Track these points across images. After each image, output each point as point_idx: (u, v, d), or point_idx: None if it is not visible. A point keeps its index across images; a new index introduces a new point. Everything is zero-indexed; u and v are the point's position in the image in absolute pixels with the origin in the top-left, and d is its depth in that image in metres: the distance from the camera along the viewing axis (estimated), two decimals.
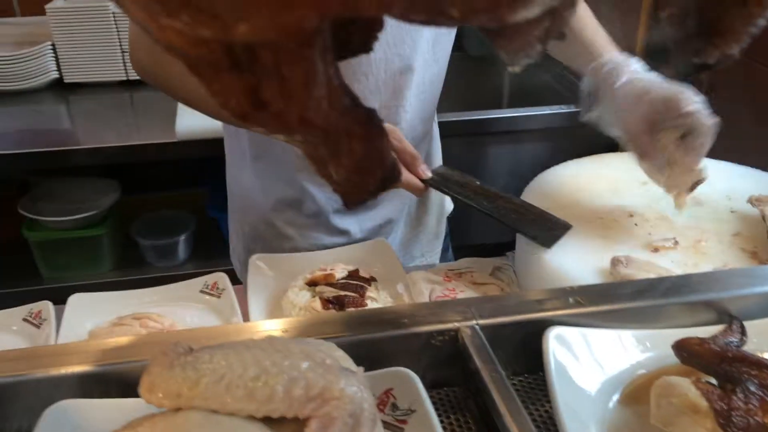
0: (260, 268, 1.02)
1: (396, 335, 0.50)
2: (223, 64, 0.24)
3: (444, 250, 1.36)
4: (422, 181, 0.99)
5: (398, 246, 1.24)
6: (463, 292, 0.98)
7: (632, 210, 1.03)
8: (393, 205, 1.19)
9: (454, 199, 1.03)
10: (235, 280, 1.02)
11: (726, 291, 0.57)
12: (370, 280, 1.00)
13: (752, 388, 0.45)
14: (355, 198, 0.33)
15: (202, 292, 0.99)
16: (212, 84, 0.25)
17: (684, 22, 0.26)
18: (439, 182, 1.02)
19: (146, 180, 1.98)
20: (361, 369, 0.42)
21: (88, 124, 1.80)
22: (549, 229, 0.95)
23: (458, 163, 1.09)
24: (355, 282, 0.99)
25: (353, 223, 1.18)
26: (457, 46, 2.38)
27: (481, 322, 0.51)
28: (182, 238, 1.81)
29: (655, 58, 0.97)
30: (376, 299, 0.96)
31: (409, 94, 1.08)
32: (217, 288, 0.99)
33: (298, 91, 0.25)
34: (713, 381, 0.48)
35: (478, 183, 1.05)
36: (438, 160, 1.28)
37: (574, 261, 0.92)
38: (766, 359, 0.47)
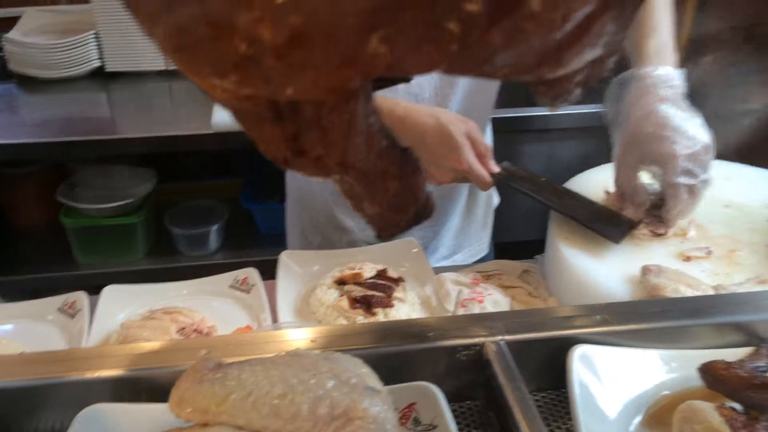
0: (290, 265, 1.04)
1: (422, 348, 0.50)
2: (266, 116, 0.24)
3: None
4: (491, 175, 1.00)
5: (452, 236, 1.26)
6: (491, 295, 0.99)
7: None
8: (450, 196, 1.21)
9: (523, 194, 1.03)
10: (266, 275, 1.04)
11: (756, 313, 0.56)
12: (398, 281, 1.01)
13: None
14: (388, 232, 0.33)
15: (232, 287, 1.01)
16: (254, 131, 0.26)
17: None
18: (507, 177, 1.03)
19: (182, 169, 2.02)
20: (384, 389, 0.43)
21: (127, 113, 1.84)
22: (616, 225, 0.95)
23: (513, 159, 1.09)
24: (383, 282, 1.00)
25: None
26: None
27: (507, 337, 0.51)
28: (214, 228, 1.84)
29: None
30: (404, 300, 0.97)
31: (462, 82, 1.08)
32: (247, 283, 1.01)
33: (339, 140, 0.25)
34: (739, 407, 0.47)
35: (543, 179, 1.06)
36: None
37: (604, 268, 0.92)
38: None
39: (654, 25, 0.99)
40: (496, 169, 1.01)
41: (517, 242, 1.35)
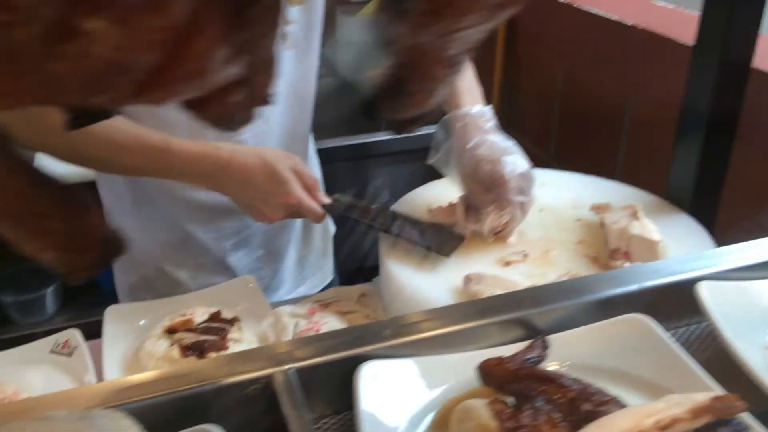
0: (117, 320, 0.99)
1: (210, 389, 0.49)
2: None
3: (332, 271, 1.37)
4: (322, 206, 1.01)
5: (291, 270, 1.26)
6: (327, 323, 0.99)
7: None
8: (284, 231, 1.21)
9: (354, 222, 1.06)
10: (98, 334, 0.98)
11: (535, 307, 0.60)
12: (233, 321, 0.99)
13: (540, 404, 0.47)
14: (76, 275, 0.32)
15: (53, 352, 0.95)
16: None
17: (385, 82, 0.28)
18: (338, 207, 1.05)
19: None
20: None
21: None
22: (445, 241, 1.00)
23: (341, 188, 1.11)
24: (216, 325, 0.97)
25: (243, 256, 1.18)
26: (332, 71, 2.41)
27: (296, 365, 0.51)
28: (49, 290, 1.71)
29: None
30: (239, 340, 0.95)
31: (276, 118, 1.09)
32: (69, 346, 0.95)
33: None
34: (512, 400, 0.50)
35: (374, 206, 1.08)
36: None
37: (433, 282, 0.95)
38: (554, 373, 0.50)
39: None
40: (326, 200, 1.03)
41: (363, 267, 1.38)
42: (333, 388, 0.53)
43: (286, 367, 0.50)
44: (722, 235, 0.99)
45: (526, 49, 1.68)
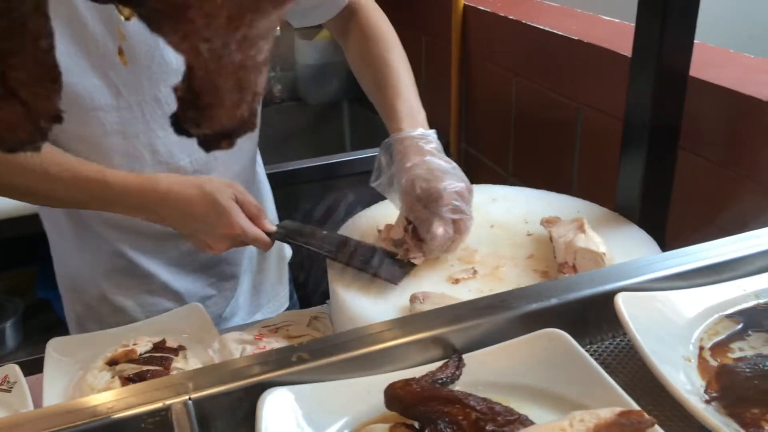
0: (57, 354, 0.97)
1: (98, 425, 0.47)
2: None
3: (289, 296, 1.36)
4: (268, 234, 1.00)
5: (246, 297, 1.24)
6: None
7: None
8: (235, 258, 1.19)
9: (300, 248, 1.04)
10: None
11: (450, 325, 0.59)
12: (179, 350, 0.97)
13: (441, 426, 0.46)
14: None
15: None
16: None
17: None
18: (285, 234, 1.03)
19: None
20: None
21: None
22: (395, 266, 0.98)
23: (305, 209, 1.10)
24: (160, 354, 0.96)
25: (191, 282, 1.16)
26: (296, 96, 2.42)
27: (195, 395, 0.50)
28: (8, 324, 1.69)
29: None
30: (185, 369, 0.93)
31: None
32: (8, 382, 0.93)
33: None
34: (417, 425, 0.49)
35: (324, 232, 1.07)
36: (270, 207, 1.30)
37: (381, 305, 0.94)
38: (460, 394, 0.49)
39: (400, 91, 1.06)
40: (271, 227, 1.01)
41: (323, 290, 1.36)
42: (237, 419, 0.51)
43: (185, 397, 0.49)
44: (672, 245, 0.98)
45: (480, 67, 1.69)
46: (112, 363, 0.94)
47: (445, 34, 1.74)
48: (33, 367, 0.98)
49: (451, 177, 0.96)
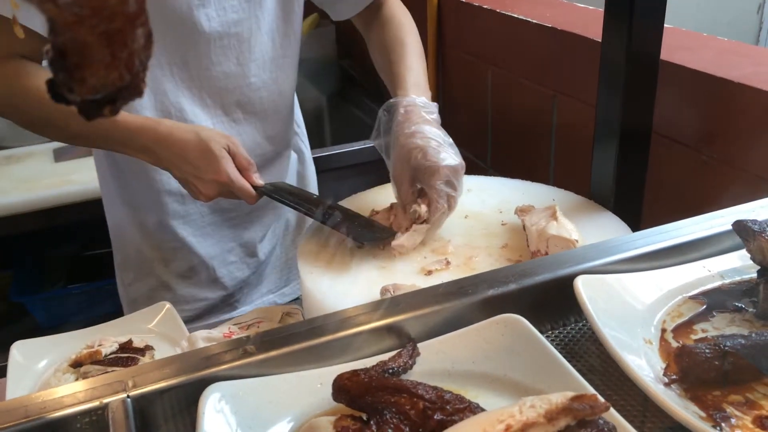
0: (21, 357, 0.94)
1: (31, 426, 0.45)
2: None
3: None
4: (255, 188, 1.03)
5: (275, 266, 1.34)
6: None
7: None
8: (256, 229, 1.27)
9: (285, 205, 1.08)
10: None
11: (407, 312, 0.57)
12: (146, 349, 0.95)
13: (388, 416, 0.44)
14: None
15: None
16: None
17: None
18: (271, 190, 1.05)
19: None
20: None
21: None
22: (373, 233, 0.99)
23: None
24: (126, 355, 0.94)
25: (213, 246, 1.24)
26: None
27: (134, 393, 0.48)
28: None
29: None
30: None
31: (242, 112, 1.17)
32: None
33: None
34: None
35: (315, 195, 1.11)
36: (311, 177, 1.42)
37: (353, 294, 0.92)
38: (408, 383, 0.47)
39: (410, 65, 1.12)
40: (259, 182, 1.04)
41: None
42: (180, 417, 0.49)
43: (123, 395, 0.47)
44: None
45: (455, 58, 1.67)
46: (76, 365, 0.92)
47: (420, 26, 1.72)
48: (4, 373, 0.97)
49: (447, 151, 0.97)
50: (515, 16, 1.41)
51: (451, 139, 1.01)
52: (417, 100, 1.04)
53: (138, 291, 1.25)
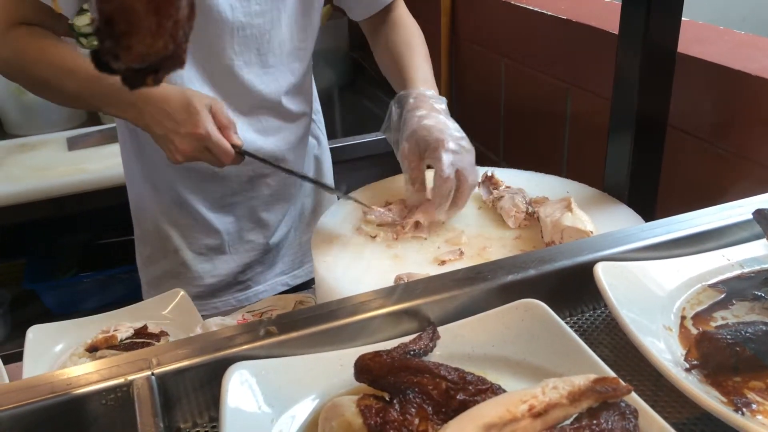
0: (37, 341, 0.95)
1: (59, 401, 0.46)
2: None
3: None
4: (234, 147, 1.04)
5: (291, 247, 1.37)
6: None
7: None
8: (272, 207, 1.30)
9: (264, 164, 1.14)
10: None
11: (427, 296, 0.58)
12: (160, 335, 0.96)
13: (410, 396, 0.45)
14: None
15: None
16: None
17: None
18: (249, 150, 1.07)
19: None
20: None
21: None
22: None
23: None
24: (141, 340, 0.94)
25: (230, 223, 1.27)
26: None
27: (158, 370, 0.48)
28: None
29: None
30: None
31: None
32: None
33: None
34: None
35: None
36: (327, 163, 1.45)
37: (367, 283, 0.92)
38: (431, 364, 0.47)
39: (418, 64, 1.16)
40: (238, 141, 1.05)
41: None
42: (203, 395, 0.50)
43: (148, 372, 0.48)
44: None
45: (469, 51, 1.67)
46: (92, 349, 0.92)
47: (434, 18, 1.72)
48: (19, 359, 0.98)
49: (456, 134, 0.99)
50: (529, 8, 1.41)
51: (461, 130, 1.02)
52: (427, 92, 1.07)
53: (155, 263, 1.28)
